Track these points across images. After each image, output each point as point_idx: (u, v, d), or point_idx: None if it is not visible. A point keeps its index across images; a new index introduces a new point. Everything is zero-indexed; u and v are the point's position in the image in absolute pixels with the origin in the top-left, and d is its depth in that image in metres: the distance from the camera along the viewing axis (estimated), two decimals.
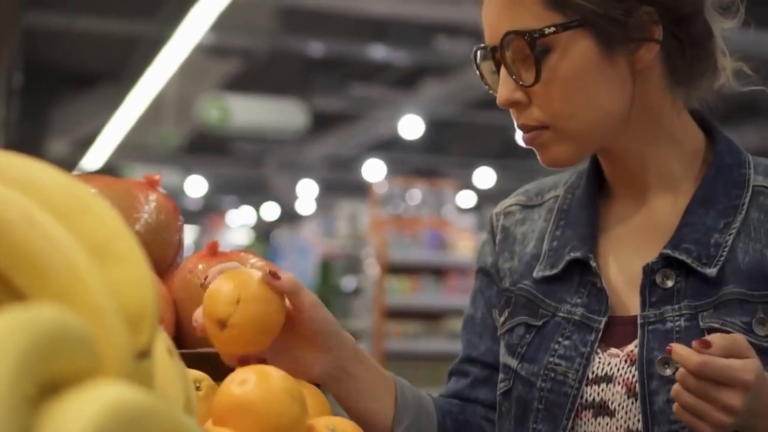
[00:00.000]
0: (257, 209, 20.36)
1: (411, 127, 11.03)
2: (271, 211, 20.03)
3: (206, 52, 8.58)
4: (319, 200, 17.07)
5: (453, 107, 10.84)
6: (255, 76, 10.11)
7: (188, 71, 8.78)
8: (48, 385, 0.54)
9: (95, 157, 12.61)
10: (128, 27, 8.38)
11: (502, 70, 1.24)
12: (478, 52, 1.29)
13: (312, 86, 10.17)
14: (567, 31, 1.20)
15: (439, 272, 8.40)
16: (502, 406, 1.35)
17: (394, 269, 8.29)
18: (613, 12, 1.19)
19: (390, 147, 13.12)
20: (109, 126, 11.14)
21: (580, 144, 1.26)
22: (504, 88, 1.24)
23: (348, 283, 9.48)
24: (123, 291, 0.65)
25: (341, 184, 15.99)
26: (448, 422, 1.37)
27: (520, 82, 1.22)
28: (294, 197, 17.14)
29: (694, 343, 1.07)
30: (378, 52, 8.86)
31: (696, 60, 1.26)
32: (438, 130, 12.17)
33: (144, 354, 0.65)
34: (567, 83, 1.21)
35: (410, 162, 13.93)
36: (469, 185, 14.27)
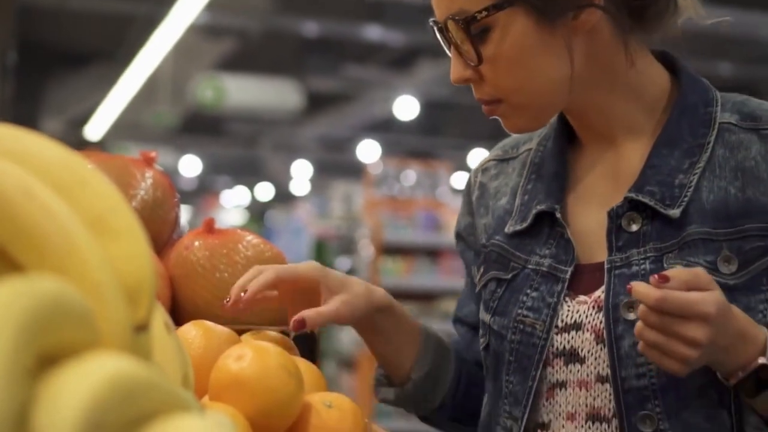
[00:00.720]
0: (251, 189, 20.33)
1: (406, 108, 11.00)
2: (265, 191, 20.00)
3: (201, 32, 8.54)
4: (314, 181, 17.04)
5: (448, 88, 10.81)
6: (250, 56, 10.07)
7: (183, 51, 8.74)
8: (47, 356, 0.54)
9: (89, 136, 12.57)
10: (123, 6, 8.33)
11: (452, 48, 1.26)
12: (434, 27, 1.30)
13: (307, 66, 10.12)
14: (503, 11, 1.19)
15: (433, 254, 8.39)
16: (486, 360, 1.37)
17: (389, 250, 8.28)
18: None
19: (385, 128, 13.10)
20: (104, 105, 11.10)
21: (536, 113, 1.28)
22: (455, 67, 1.26)
23: (342, 263, 9.47)
24: (121, 265, 0.65)
25: (336, 165, 15.97)
26: (462, 377, 1.43)
27: (468, 62, 1.24)
28: (288, 178, 17.12)
29: (652, 279, 1.08)
30: (373, 32, 8.83)
31: (644, 8, 1.26)
32: (433, 112, 12.15)
33: (142, 328, 0.65)
34: (510, 60, 1.22)
35: (405, 143, 13.91)
36: (464, 167, 14.24)
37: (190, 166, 15.92)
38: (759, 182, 1.21)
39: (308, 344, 1.33)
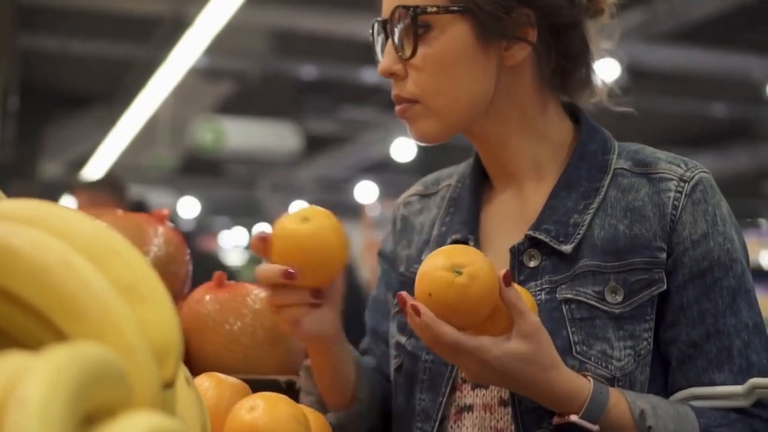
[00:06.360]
0: (250, 230, 20.35)
1: (403, 149, 11.08)
2: None
3: (200, 75, 8.62)
4: None
5: None
6: (248, 98, 10.14)
7: (182, 94, 8.82)
8: (91, 414, 0.61)
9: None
10: (123, 50, 8.41)
11: (388, 41, 1.34)
12: (375, 26, 1.38)
13: (305, 109, 10.20)
14: (448, 14, 1.29)
15: None
16: (396, 380, 1.44)
17: None
18: (493, 7, 1.29)
19: (382, 169, 13.17)
20: (103, 147, 11.17)
21: (445, 121, 1.34)
22: (387, 58, 1.34)
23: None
24: (150, 329, 0.72)
25: (334, 206, 15.75)
26: (383, 395, 1.47)
27: (400, 54, 1.32)
28: None
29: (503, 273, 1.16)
30: (370, 75, 8.89)
31: (568, 71, 1.38)
32: (430, 153, 12.22)
33: (169, 385, 0.72)
34: (439, 62, 1.30)
35: (402, 184, 13.79)
36: None
37: (189, 207, 15.97)
38: (645, 220, 1.31)
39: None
